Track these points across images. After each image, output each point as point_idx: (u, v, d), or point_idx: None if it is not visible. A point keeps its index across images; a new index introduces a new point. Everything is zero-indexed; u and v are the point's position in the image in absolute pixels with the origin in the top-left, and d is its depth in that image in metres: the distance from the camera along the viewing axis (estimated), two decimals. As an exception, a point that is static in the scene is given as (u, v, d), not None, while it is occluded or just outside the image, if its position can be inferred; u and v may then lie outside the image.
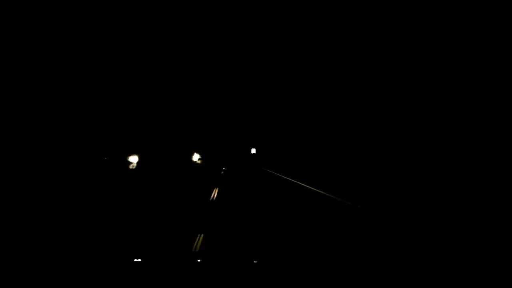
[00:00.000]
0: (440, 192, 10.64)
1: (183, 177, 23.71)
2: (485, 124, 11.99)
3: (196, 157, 62.73)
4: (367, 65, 20.71)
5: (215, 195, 12.58)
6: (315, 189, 13.45)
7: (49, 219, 8.24)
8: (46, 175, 19.59)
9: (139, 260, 2.09)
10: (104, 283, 1.56)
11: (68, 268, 1.73)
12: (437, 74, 14.89)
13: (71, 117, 29.07)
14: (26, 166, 19.97)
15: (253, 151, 56.33)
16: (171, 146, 58.00)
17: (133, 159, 39.37)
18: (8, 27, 20.79)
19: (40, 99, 24.60)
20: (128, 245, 5.86)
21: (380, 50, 19.16)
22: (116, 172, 27.04)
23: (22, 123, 22.23)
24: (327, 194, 11.72)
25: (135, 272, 1.71)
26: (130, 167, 36.41)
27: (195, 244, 5.79)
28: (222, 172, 30.01)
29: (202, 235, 6.36)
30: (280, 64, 40.90)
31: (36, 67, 23.90)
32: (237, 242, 5.87)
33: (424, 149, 15.18)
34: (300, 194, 12.93)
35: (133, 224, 7.62)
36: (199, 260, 1.94)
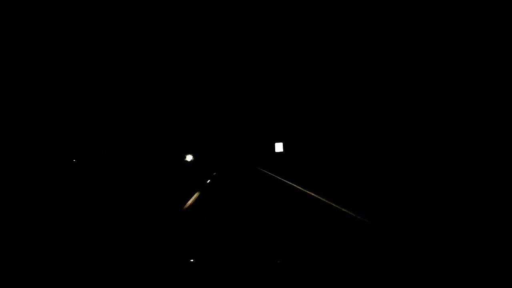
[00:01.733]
0: (444, 196, 10.62)
1: (183, 177, 23.69)
2: (487, 122, 11.97)
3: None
4: (367, 66, 20.70)
5: (213, 195, 12.57)
6: (319, 197, 13.47)
7: (48, 219, 8.23)
8: (46, 174, 19.57)
9: (137, 260, 2.08)
10: (103, 282, 1.55)
11: (68, 268, 1.72)
12: (437, 74, 14.89)
13: (72, 118, 29.05)
14: (27, 166, 19.96)
15: (278, 147, 53.08)
16: (171, 146, 58.05)
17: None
18: (8, 29, 20.78)
19: (41, 100, 24.59)
20: (127, 245, 5.86)
21: (380, 50, 19.15)
22: (116, 172, 27.01)
23: (23, 123, 22.21)
24: (330, 203, 11.73)
25: (133, 272, 1.70)
26: (131, 167, 36.36)
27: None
28: (221, 171, 30.01)
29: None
30: (280, 64, 40.83)
31: (37, 68, 23.89)
32: (237, 242, 5.85)
33: (425, 149, 15.16)
34: (301, 197, 12.91)
35: (133, 225, 7.61)
36: (192, 260, 1.93)
